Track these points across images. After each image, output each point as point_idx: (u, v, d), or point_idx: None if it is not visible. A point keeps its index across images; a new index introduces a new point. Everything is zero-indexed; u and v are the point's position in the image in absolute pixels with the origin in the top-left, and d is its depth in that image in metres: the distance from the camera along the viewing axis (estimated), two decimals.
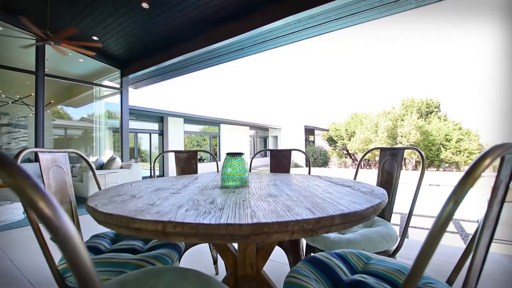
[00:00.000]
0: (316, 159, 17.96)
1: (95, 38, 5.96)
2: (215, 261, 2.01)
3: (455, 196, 0.41)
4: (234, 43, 5.73)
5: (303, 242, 1.65)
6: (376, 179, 1.66)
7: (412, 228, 4.31)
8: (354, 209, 0.74)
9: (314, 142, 20.73)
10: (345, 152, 18.75)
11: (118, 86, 7.56)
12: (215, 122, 14.03)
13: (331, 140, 19.36)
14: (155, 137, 11.41)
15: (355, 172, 1.80)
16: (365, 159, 16.81)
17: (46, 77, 5.93)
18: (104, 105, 8.52)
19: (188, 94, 13.84)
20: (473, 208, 5.65)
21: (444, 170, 14.74)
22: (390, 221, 1.48)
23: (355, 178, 1.75)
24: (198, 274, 0.88)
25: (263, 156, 18.59)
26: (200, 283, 0.83)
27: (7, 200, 3.76)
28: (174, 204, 0.83)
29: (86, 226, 1.63)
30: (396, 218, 4.71)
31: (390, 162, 1.55)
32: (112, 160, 4.97)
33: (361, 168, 17.43)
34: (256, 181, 1.48)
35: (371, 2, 4.45)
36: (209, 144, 14.05)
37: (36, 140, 5.76)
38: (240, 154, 1.27)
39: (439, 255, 2.41)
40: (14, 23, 5.26)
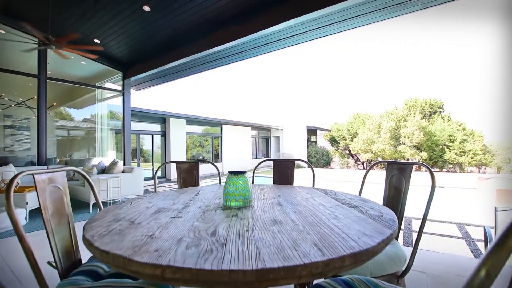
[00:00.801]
0: (319, 160, 17.88)
1: (96, 41, 5.94)
2: None
3: (486, 266, 0.36)
4: (236, 46, 5.68)
5: None
6: (383, 193, 1.61)
7: (415, 232, 4.25)
8: (365, 245, 0.70)
9: (316, 142, 20.64)
10: (347, 152, 18.64)
11: (120, 88, 7.54)
12: (217, 123, 14.01)
13: (333, 141, 19.26)
14: (157, 138, 11.41)
15: (361, 186, 1.75)
16: (367, 160, 16.70)
17: (48, 80, 5.92)
18: (107, 106, 8.52)
19: (190, 95, 13.85)
20: (478, 211, 5.57)
21: (447, 171, 14.62)
22: (398, 239, 1.44)
23: (360, 193, 1.70)
24: None
25: (264, 157, 18.54)
26: None
27: None
28: (174, 236, 0.79)
29: None
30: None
31: (398, 177, 1.50)
32: (114, 164, 4.95)
33: (363, 168, 17.33)
34: (259, 198, 1.44)
35: (374, 4, 4.38)
36: (211, 145, 14.03)
37: (39, 143, 5.77)
38: (242, 173, 1.23)
39: (447, 267, 2.36)
40: (17, 26, 5.26)
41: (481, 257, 0.38)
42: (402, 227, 4.62)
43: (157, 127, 11.35)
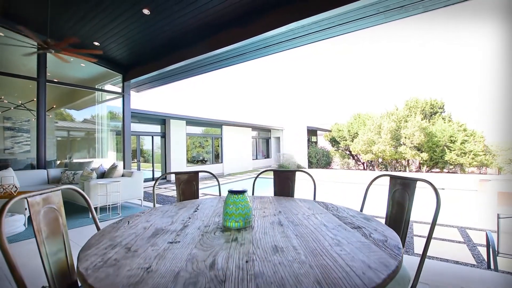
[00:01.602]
0: (319, 160, 17.83)
1: (96, 43, 5.91)
2: None
3: None
4: (236, 48, 5.65)
5: None
6: (386, 208, 1.57)
7: (416, 237, 4.20)
8: (370, 283, 0.67)
9: (316, 143, 20.59)
10: (347, 152, 18.60)
11: (120, 90, 7.51)
12: (217, 124, 13.97)
13: (334, 141, 19.22)
14: (157, 139, 11.39)
15: (363, 200, 1.72)
16: (367, 160, 16.65)
17: (47, 83, 5.89)
18: (107, 107, 8.49)
19: (190, 96, 13.78)
20: (480, 214, 5.53)
21: (448, 172, 14.58)
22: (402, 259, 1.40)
23: (362, 209, 1.66)
24: None
25: (264, 157, 18.51)
26: None
27: (8, 212, 3.73)
28: (172, 269, 0.76)
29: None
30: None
31: (401, 193, 1.47)
32: (113, 168, 4.92)
33: (364, 169, 17.29)
34: (260, 214, 1.41)
35: (376, 7, 4.34)
36: (211, 146, 14.00)
37: (38, 146, 5.74)
38: (242, 192, 1.19)
39: (451, 278, 2.33)
40: (16, 29, 5.23)
41: None
42: None
43: (157, 128, 11.33)
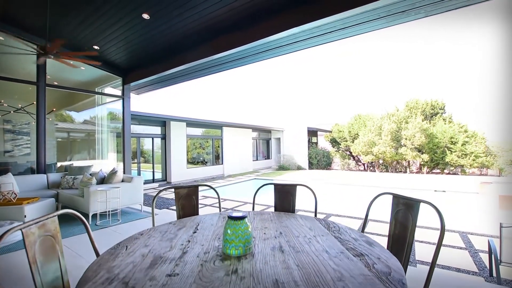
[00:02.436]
0: (319, 161, 17.80)
1: (96, 47, 5.88)
2: None
3: None
4: (236, 52, 5.62)
5: None
6: (389, 228, 1.55)
7: (417, 242, 4.17)
8: None
9: (317, 143, 20.56)
10: (348, 153, 18.57)
11: (120, 93, 7.49)
12: (218, 125, 13.95)
13: (334, 142, 19.18)
14: (158, 140, 11.38)
15: (364, 220, 1.69)
16: (368, 162, 16.62)
17: (47, 87, 5.87)
18: (107, 108, 8.49)
19: (190, 98, 13.73)
20: (481, 219, 5.50)
21: (448, 173, 14.55)
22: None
23: (363, 228, 1.64)
24: None
25: (265, 158, 18.49)
26: None
27: (7, 219, 3.71)
28: None
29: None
30: None
31: (405, 214, 1.45)
32: (113, 173, 4.90)
33: (364, 170, 17.26)
34: (260, 236, 1.38)
35: (377, 12, 4.31)
36: (211, 147, 13.99)
37: (38, 151, 5.72)
38: (242, 218, 1.17)
39: None
40: (15, 34, 5.21)
41: None
42: None
43: (157, 130, 11.31)
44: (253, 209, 2.13)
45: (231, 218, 1.18)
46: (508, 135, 14.10)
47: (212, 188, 2.05)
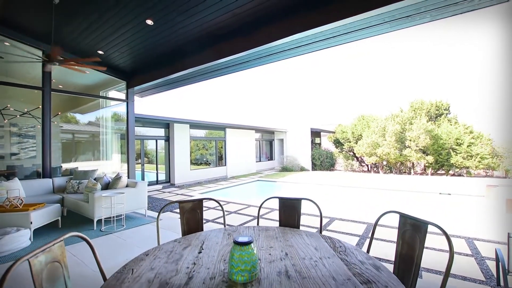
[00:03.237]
0: (323, 162, 17.73)
1: (100, 52, 5.92)
2: None
3: None
4: (239, 57, 5.62)
5: None
6: (395, 248, 1.53)
7: (428, 249, 4.12)
8: None
9: (320, 144, 20.48)
10: (351, 154, 18.48)
11: (124, 97, 7.53)
12: (221, 127, 13.97)
13: (338, 143, 19.10)
14: (161, 142, 11.44)
15: (370, 241, 1.67)
16: (372, 163, 16.52)
17: (52, 91, 5.92)
18: (111, 110, 8.55)
19: (193, 100, 13.78)
20: (487, 224, 5.42)
21: (453, 175, 14.40)
22: None
23: (368, 250, 1.62)
24: None
25: (268, 159, 18.48)
26: None
27: (13, 226, 3.74)
28: None
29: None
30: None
31: (412, 235, 1.43)
32: (117, 179, 4.93)
33: (368, 171, 17.16)
34: (266, 257, 1.38)
35: (382, 17, 4.27)
36: (215, 148, 14.02)
37: (43, 155, 5.77)
38: (248, 243, 1.17)
39: None
40: (21, 39, 5.28)
41: None
42: None
43: (161, 131, 11.37)
44: (257, 223, 2.12)
45: (236, 243, 1.17)
46: None
47: (217, 201, 2.04)
